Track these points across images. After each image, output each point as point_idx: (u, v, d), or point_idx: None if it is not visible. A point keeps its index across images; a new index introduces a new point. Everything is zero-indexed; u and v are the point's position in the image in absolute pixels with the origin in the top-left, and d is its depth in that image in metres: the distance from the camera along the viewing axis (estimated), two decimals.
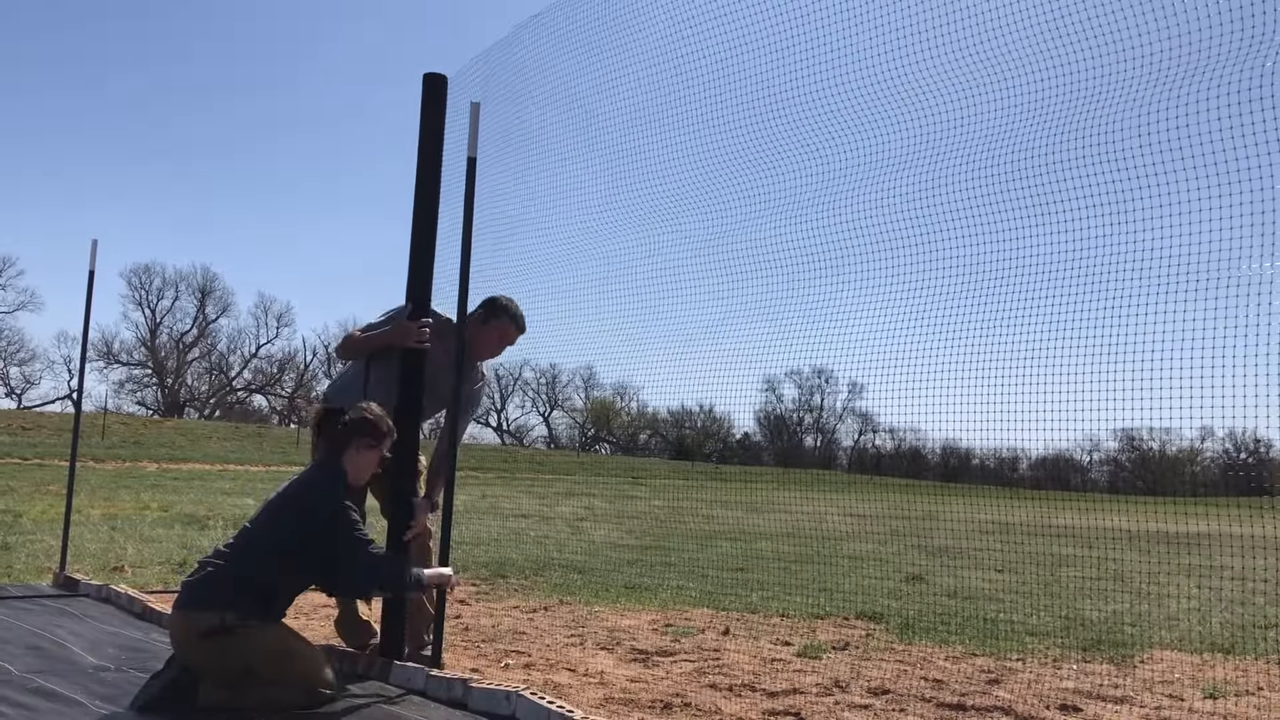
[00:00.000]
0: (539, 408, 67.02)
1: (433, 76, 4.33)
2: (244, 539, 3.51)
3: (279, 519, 3.53)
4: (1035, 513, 9.35)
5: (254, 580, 3.41)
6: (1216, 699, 4.30)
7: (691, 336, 4.60)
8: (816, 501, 8.51)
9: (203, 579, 3.42)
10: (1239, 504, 6.18)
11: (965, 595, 7.49)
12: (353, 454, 3.67)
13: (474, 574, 7.56)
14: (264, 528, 3.51)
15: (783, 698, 4.03)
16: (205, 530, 10.02)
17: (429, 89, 4.31)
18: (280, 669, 3.39)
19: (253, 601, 3.39)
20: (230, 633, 3.31)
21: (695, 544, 10.98)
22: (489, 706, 3.38)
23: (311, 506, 3.53)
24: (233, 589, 3.38)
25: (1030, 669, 4.81)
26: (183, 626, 3.37)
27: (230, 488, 17.76)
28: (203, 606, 3.34)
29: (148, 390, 65.01)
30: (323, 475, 3.64)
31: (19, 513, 10.72)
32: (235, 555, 3.45)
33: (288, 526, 3.50)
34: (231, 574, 3.40)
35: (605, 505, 18.04)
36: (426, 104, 4.30)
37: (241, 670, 3.33)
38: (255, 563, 3.43)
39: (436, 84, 4.33)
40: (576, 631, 5.41)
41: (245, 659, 3.34)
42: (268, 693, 3.37)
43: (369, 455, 3.71)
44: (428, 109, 4.30)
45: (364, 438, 3.68)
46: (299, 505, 3.55)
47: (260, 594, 3.43)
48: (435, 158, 4.29)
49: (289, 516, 3.52)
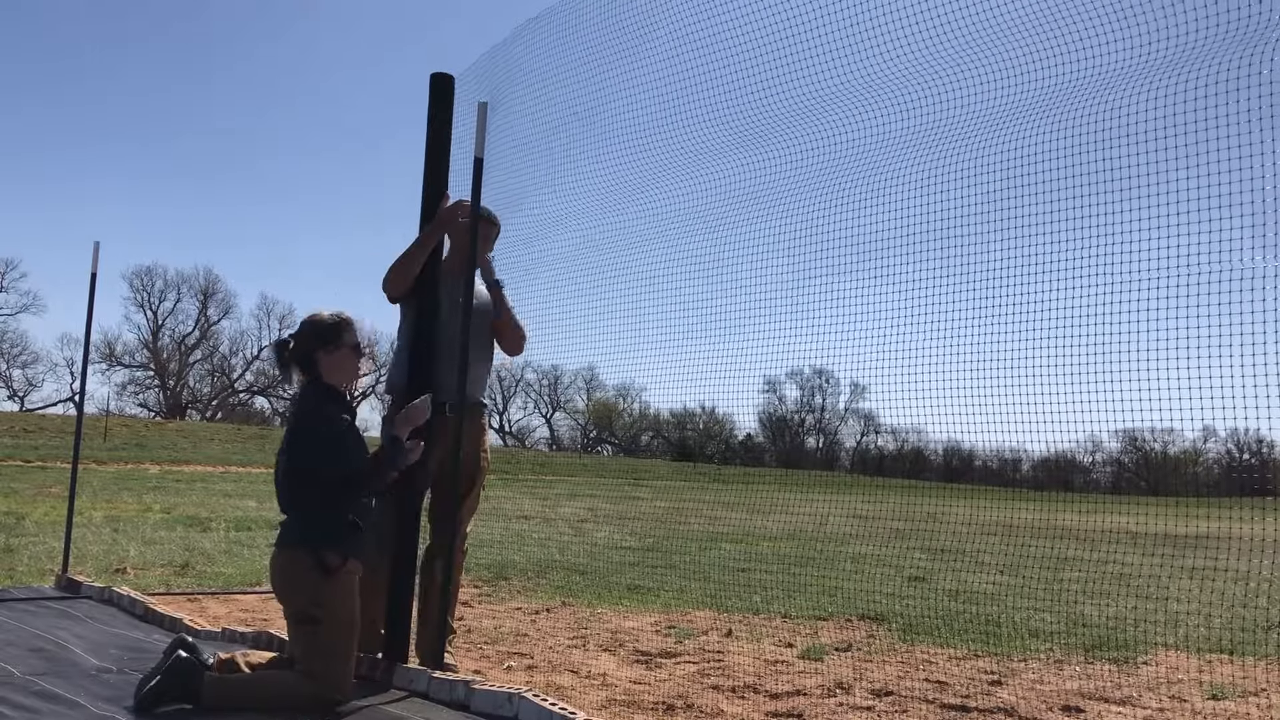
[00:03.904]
0: (541, 409, 67.10)
1: (439, 76, 4.33)
2: (278, 481, 3.64)
3: (291, 449, 3.62)
4: (1037, 513, 9.36)
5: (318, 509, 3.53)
6: (1219, 700, 4.29)
7: (692, 336, 4.59)
8: (819, 503, 8.50)
9: (284, 523, 3.60)
10: (1241, 504, 6.16)
11: (968, 596, 7.49)
12: (322, 364, 3.68)
13: (476, 576, 7.56)
14: (283, 463, 3.63)
15: (785, 699, 4.03)
16: (207, 532, 10.03)
17: (436, 89, 4.31)
18: (332, 637, 3.44)
19: (335, 532, 3.50)
20: (327, 572, 3.45)
21: (698, 545, 10.98)
22: (491, 708, 3.38)
23: (302, 425, 3.61)
24: (300, 525, 3.53)
25: (1033, 670, 4.81)
26: (278, 567, 3.56)
27: (232, 489, 17.78)
28: (299, 544, 3.49)
29: (150, 392, 65.18)
30: (303, 393, 3.69)
31: (22, 515, 10.73)
32: (284, 498, 3.61)
33: (294, 450, 3.59)
34: (301, 515, 3.55)
35: (607, 506, 18.04)
36: (433, 104, 4.29)
37: (309, 619, 3.44)
38: (297, 493, 3.56)
39: (443, 84, 4.32)
40: (579, 633, 5.41)
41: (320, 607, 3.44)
42: (272, 691, 3.38)
43: (336, 357, 3.68)
44: (434, 109, 4.29)
45: (318, 344, 3.68)
46: (294, 428, 3.66)
47: (333, 520, 3.52)
48: (442, 158, 4.29)
49: (293, 442, 3.62)
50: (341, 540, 3.50)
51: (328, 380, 3.67)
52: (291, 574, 3.51)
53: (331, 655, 3.43)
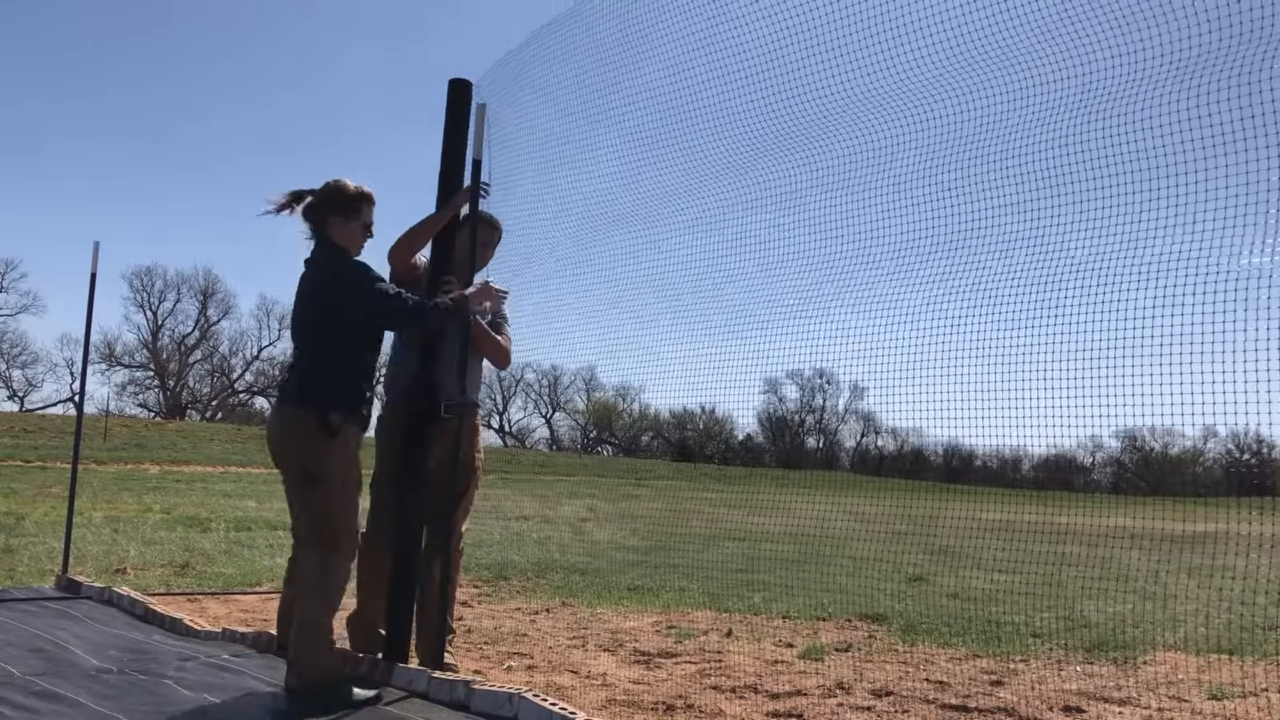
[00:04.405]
0: (541, 410, 67.12)
1: (457, 82, 4.33)
2: (298, 341, 3.64)
3: (307, 307, 3.61)
4: (1038, 513, 9.35)
5: (331, 365, 3.54)
6: (1220, 700, 4.29)
7: (692, 337, 4.59)
8: (819, 503, 8.47)
9: (291, 380, 3.59)
10: (1242, 504, 6.16)
11: (968, 596, 7.49)
12: (333, 227, 3.68)
13: (476, 576, 7.56)
14: (304, 320, 3.62)
15: (785, 699, 4.03)
16: (207, 532, 10.03)
17: (453, 94, 4.30)
18: (335, 494, 3.48)
19: (340, 392, 3.52)
20: (331, 434, 3.46)
21: (698, 545, 10.98)
22: (491, 708, 3.38)
23: (327, 281, 3.60)
24: (318, 382, 3.52)
25: (1033, 670, 4.80)
26: (281, 425, 3.57)
27: (232, 490, 17.77)
28: (305, 402, 3.49)
29: (150, 392, 65.05)
30: (321, 252, 3.68)
31: (21, 515, 10.73)
32: (301, 356, 3.60)
33: (321, 304, 3.58)
34: (312, 369, 3.55)
35: (608, 506, 18.05)
36: (450, 109, 4.29)
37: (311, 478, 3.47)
38: (319, 350, 3.56)
39: (461, 89, 4.32)
40: (579, 633, 5.41)
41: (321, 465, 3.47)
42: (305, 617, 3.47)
43: (348, 228, 3.70)
44: (451, 114, 4.28)
45: (334, 209, 3.68)
46: (316, 287, 3.63)
47: (342, 378, 3.54)
48: (458, 163, 4.28)
49: (313, 301, 3.61)
50: (343, 401, 3.51)
51: (336, 240, 3.69)
52: (293, 433, 3.52)
53: (336, 514, 3.48)
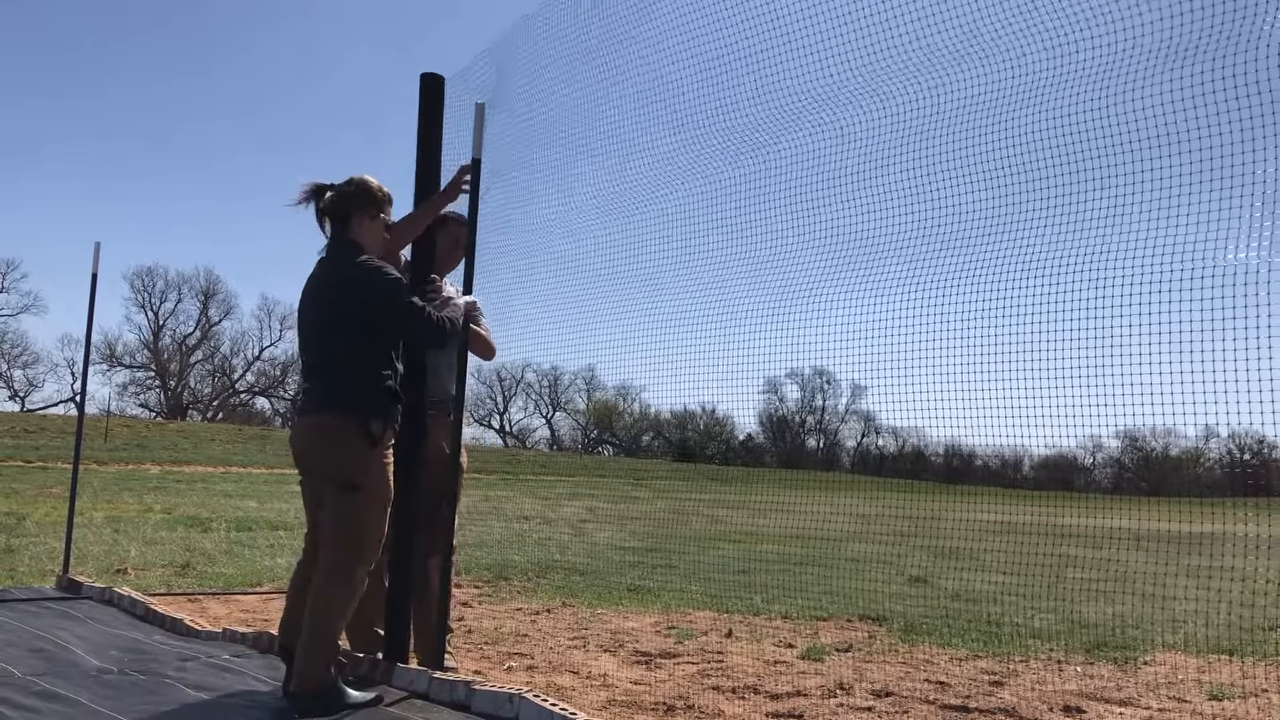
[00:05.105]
0: (541, 410, 67.16)
1: (429, 76, 4.33)
2: (313, 347, 3.56)
3: (326, 308, 3.53)
4: (1038, 514, 9.36)
5: (368, 372, 3.46)
6: (1220, 701, 4.29)
7: (692, 337, 4.59)
8: (819, 503, 8.49)
9: (322, 386, 3.49)
10: (1242, 504, 6.16)
11: (968, 597, 7.48)
12: (355, 223, 3.63)
13: (477, 576, 7.56)
14: (324, 322, 3.53)
15: (786, 700, 4.03)
16: (208, 532, 10.03)
17: (426, 90, 4.31)
18: (371, 504, 3.44)
19: (380, 400, 3.46)
20: (374, 443, 3.42)
21: (698, 546, 10.98)
22: (492, 709, 3.38)
23: (354, 284, 3.51)
24: (359, 391, 3.44)
25: (1033, 671, 4.80)
26: (321, 434, 3.46)
27: (233, 490, 17.78)
28: (348, 410, 3.41)
29: (151, 393, 65.12)
30: (341, 251, 3.61)
31: (22, 515, 10.73)
32: (327, 361, 3.50)
33: (337, 307, 3.50)
34: (347, 377, 3.46)
35: (608, 507, 18.05)
36: (424, 105, 4.29)
37: (352, 485, 3.40)
38: (352, 356, 3.47)
39: (434, 85, 4.32)
40: (579, 634, 5.41)
41: (365, 474, 3.41)
42: (324, 610, 3.40)
43: (371, 226, 3.65)
44: (425, 110, 4.29)
45: (359, 205, 3.63)
46: (335, 285, 3.55)
47: (380, 386, 3.47)
48: (434, 159, 4.28)
49: (333, 302, 3.53)
50: (384, 409, 3.47)
51: (357, 238, 3.62)
52: (333, 441, 3.45)
53: (369, 524, 3.45)
